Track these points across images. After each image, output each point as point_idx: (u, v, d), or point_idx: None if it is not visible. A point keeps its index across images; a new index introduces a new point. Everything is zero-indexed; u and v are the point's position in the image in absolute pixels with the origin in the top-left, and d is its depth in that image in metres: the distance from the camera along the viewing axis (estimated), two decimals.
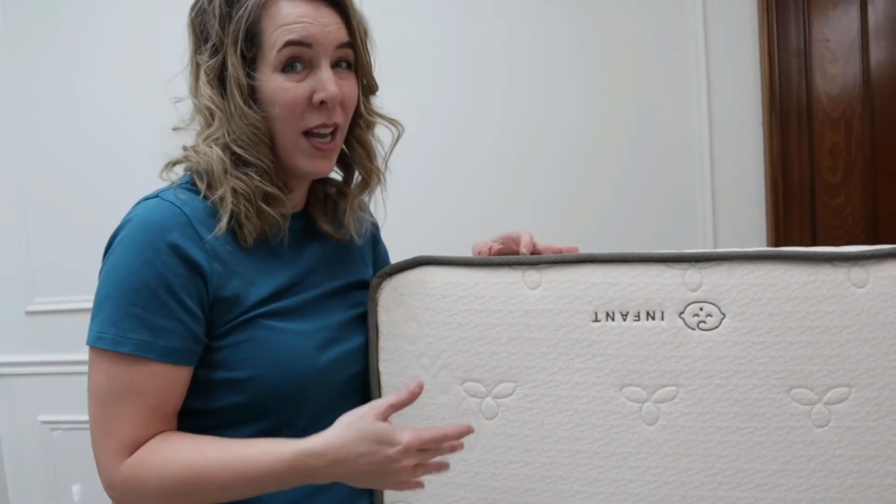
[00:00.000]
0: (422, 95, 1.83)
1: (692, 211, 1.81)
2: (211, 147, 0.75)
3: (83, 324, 2.00)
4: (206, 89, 0.76)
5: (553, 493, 0.82)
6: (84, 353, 1.86)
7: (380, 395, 0.87)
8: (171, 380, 0.73)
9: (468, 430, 0.71)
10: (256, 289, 0.77)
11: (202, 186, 0.76)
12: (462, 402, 0.84)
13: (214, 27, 0.75)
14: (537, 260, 0.83)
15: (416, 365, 0.85)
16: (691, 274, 0.79)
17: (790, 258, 0.78)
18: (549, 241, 0.92)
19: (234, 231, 0.76)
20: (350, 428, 0.69)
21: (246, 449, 0.71)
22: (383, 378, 0.86)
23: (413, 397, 0.72)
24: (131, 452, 0.71)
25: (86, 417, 1.68)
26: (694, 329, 0.79)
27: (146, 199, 0.78)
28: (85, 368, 1.86)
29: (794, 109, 1.71)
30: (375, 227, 0.99)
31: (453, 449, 0.72)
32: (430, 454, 0.71)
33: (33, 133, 2.16)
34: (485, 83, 1.90)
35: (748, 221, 1.78)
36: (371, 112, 0.84)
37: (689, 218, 1.81)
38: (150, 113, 1.98)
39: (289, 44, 0.74)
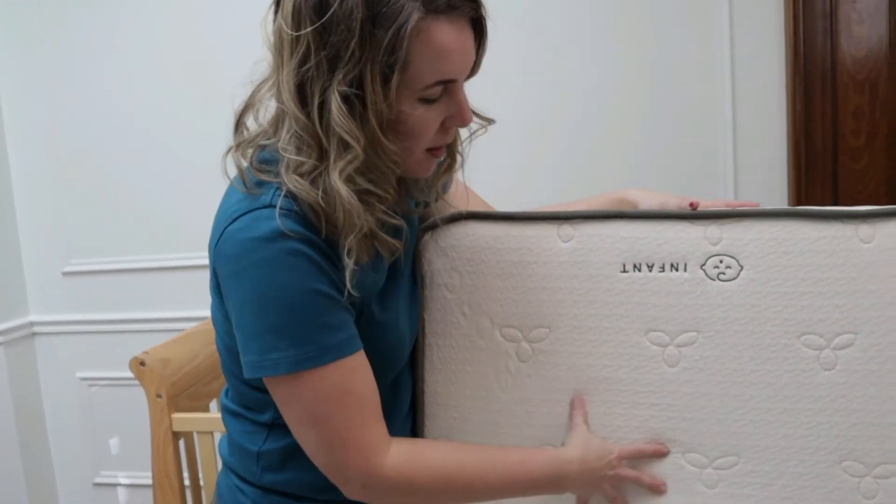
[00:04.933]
0: None
1: (714, 172, 1.86)
2: (338, 182, 0.68)
3: (116, 284, 2.08)
4: (340, 117, 0.67)
5: None
6: (117, 313, 1.94)
7: (423, 341, 0.95)
8: (365, 364, 0.76)
9: (661, 450, 0.88)
10: (368, 286, 0.77)
11: (318, 223, 0.71)
12: (499, 347, 0.92)
13: (350, 45, 0.65)
14: (570, 215, 0.90)
15: (457, 312, 0.93)
16: (712, 230, 0.86)
17: (804, 216, 0.85)
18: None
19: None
20: (586, 445, 0.86)
21: (509, 454, 0.84)
22: (427, 325, 0.95)
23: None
24: (381, 450, 0.74)
25: (121, 374, 1.76)
26: (714, 280, 0.86)
27: (246, 211, 0.71)
28: (120, 327, 1.91)
29: (819, 71, 1.72)
30: None
31: (652, 483, 0.88)
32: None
33: (67, 98, 2.19)
34: (507, 45, 1.92)
35: (770, 184, 1.82)
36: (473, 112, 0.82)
37: (710, 180, 1.85)
38: (182, 81, 2.10)
39: (441, 82, 0.71)
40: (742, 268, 0.86)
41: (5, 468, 2.23)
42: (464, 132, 0.84)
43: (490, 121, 0.82)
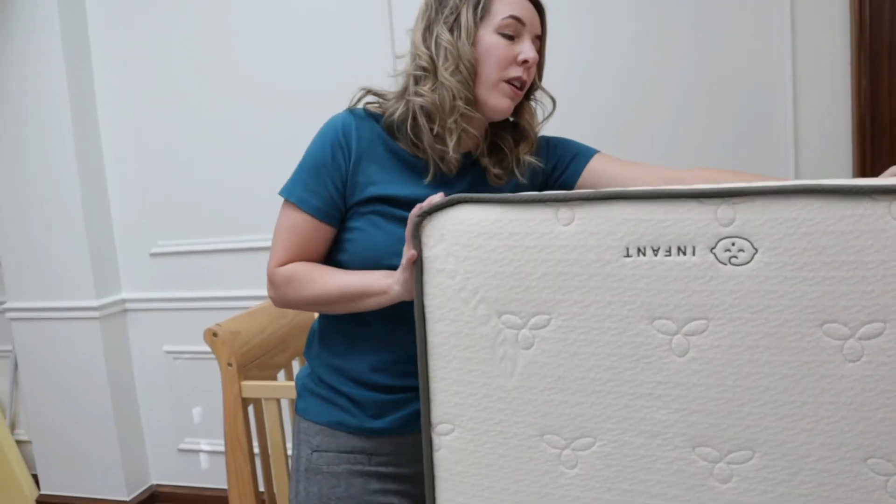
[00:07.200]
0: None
1: (774, 154, 1.75)
2: (445, 75, 1.01)
3: (200, 264, 2.57)
4: (446, 36, 1.03)
5: (584, 417, 0.86)
6: (201, 291, 2.52)
7: (423, 328, 0.92)
8: (315, 229, 1.07)
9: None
10: (384, 187, 1.05)
11: (425, 122, 1.04)
12: (500, 334, 0.88)
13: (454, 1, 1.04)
14: (569, 196, 0.84)
15: (457, 298, 0.90)
16: (724, 209, 0.79)
17: (827, 192, 0.76)
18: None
19: (406, 138, 1.07)
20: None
21: (351, 276, 1.04)
22: (427, 311, 0.92)
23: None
24: (284, 264, 1.08)
25: (203, 348, 2.30)
26: (725, 264, 0.80)
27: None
28: (202, 304, 2.52)
29: (886, 46, 1.57)
30: (543, 146, 1.18)
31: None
32: None
33: (154, 98, 2.34)
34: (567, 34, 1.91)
35: (833, 166, 1.70)
36: (540, 87, 1.14)
37: (770, 161, 1.75)
38: (260, 78, 2.23)
39: (511, 16, 1.03)
40: (756, 251, 0.79)
41: (102, 434, 2.45)
42: (544, 119, 1.17)
43: (551, 97, 1.15)
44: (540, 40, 1.09)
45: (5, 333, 2.62)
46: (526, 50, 1.04)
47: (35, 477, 2.59)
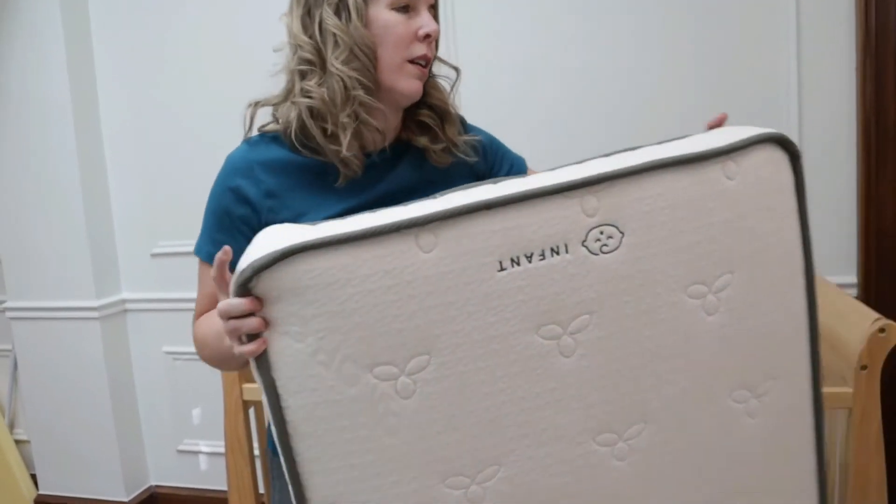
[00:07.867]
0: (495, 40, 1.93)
1: None
2: (336, 65, 0.89)
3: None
4: (332, 20, 0.90)
5: (485, 448, 0.78)
6: None
7: (278, 406, 0.75)
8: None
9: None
10: (314, 214, 0.93)
11: (313, 123, 0.92)
12: (375, 390, 0.75)
13: None
14: (425, 219, 0.72)
15: (313, 363, 0.73)
16: (588, 200, 0.75)
17: (675, 164, 0.77)
18: None
19: (316, 154, 0.94)
20: None
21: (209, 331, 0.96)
22: (279, 385, 0.74)
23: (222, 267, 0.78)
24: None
25: None
26: (598, 254, 0.76)
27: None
28: None
29: (892, 51, 1.57)
30: (486, 142, 1.09)
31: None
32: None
33: (155, 98, 2.27)
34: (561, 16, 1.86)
35: (838, 171, 1.72)
36: (437, 58, 1.02)
37: None
38: (263, 69, 1.84)
39: None
40: (623, 234, 0.77)
41: (101, 434, 2.40)
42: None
43: (454, 67, 1.03)
44: (434, 9, 0.98)
45: (5, 333, 2.58)
46: (426, 23, 0.93)
47: (34, 477, 2.58)
